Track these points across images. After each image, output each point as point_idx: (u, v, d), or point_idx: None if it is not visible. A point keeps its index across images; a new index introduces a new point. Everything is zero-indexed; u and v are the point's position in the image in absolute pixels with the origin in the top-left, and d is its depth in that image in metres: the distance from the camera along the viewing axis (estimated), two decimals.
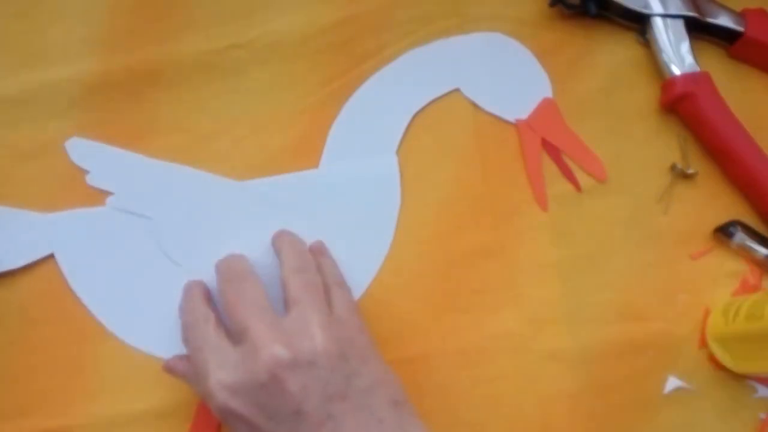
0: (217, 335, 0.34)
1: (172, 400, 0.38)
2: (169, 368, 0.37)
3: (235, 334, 0.34)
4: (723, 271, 0.40)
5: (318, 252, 0.39)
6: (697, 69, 0.41)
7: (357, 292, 0.39)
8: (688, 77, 0.41)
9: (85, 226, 0.40)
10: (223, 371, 0.32)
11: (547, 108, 0.42)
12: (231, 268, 0.36)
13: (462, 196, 0.41)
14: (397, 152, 0.41)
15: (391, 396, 0.33)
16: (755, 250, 0.40)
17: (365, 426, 0.31)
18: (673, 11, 0.42)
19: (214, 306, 0.36)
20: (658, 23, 0.42)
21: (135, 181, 0.41)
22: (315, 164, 0.41)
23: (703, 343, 0.39)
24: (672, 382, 0.39)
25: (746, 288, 0.40)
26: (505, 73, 0.42)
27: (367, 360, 0.33)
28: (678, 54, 0.41)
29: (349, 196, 0.41)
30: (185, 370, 0.36)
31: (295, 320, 0.33)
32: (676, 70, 0.41)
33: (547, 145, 0.41)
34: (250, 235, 0.39)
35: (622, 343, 0.39)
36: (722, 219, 0.40)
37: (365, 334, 0.35)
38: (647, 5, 0.42)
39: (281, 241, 0.38)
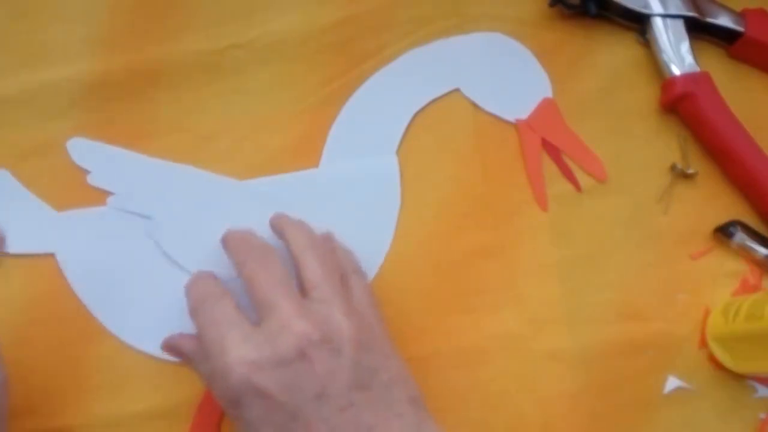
0: (236, 311, 0.32)
1: (172, 400, 0.38)
2: (171, 346, 0.35)
3: (258, 310, 0.32)
4: (723, 271, 0.40)
5: (329, 240, 0.38)
6: (697, 69, 0.41)
7: None
8: (688, 77, 0.41)
9: (86, 226, 0.40)
10: (247, 346, 0.30)
11: (547, 108, 0.42)
12: (248, 243, 0.35)
13: (462, 196, 0.41)
14: (397, 152, 0.41)
15: (410, 393, 0.32)
16: (755, 250, 0.40)
17: (384, 418, 0.31)
18: (673, 11, 0.42)
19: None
20: (658, 23, 0.42)
21: (136, 181, 0.41)
22: (315, 164, 0.41)
23: (703, 343, 0.39)
24: (672, 382, 0.39)
25: (746, 288, 0.40)
26: (505, 73, 0.42)
27: (387, 354, 0.33)
28: (678, 54, 0.41)
29: (349, 196, 0.41)
30: (192, 348, 0.34)
31: (319, 303, 0.32)
32: (676, 70, 0.41)
33: (547, 145, 0.41)
34: None
35: (622, 343, 0.39)
36: (722, 219, 0.40)
37: (383, 326, 0.34)
38: (647, 5, 0.42)
39: (282, 222, 0.36)
